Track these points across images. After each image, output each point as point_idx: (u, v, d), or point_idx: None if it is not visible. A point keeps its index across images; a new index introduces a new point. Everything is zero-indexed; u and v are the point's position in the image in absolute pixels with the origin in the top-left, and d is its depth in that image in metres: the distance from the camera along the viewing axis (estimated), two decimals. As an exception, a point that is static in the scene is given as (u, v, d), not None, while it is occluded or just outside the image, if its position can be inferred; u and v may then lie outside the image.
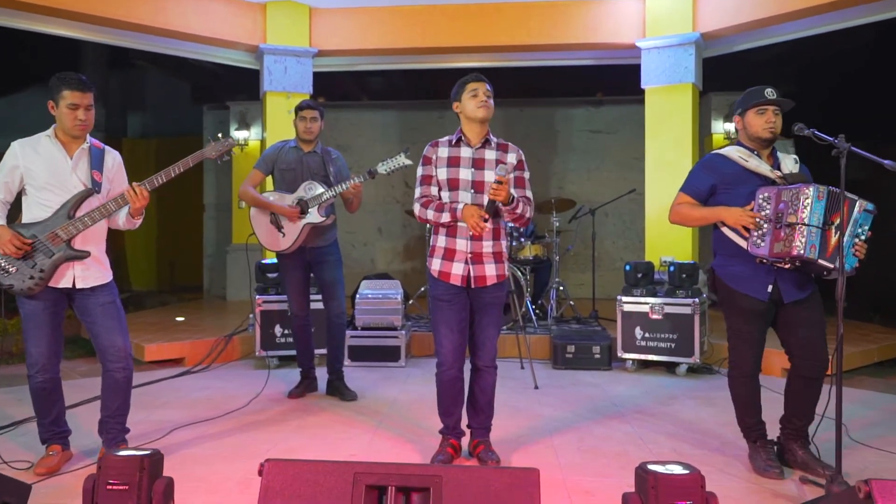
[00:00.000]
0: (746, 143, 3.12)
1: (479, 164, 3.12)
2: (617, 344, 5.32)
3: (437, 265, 3.14)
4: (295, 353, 4.61)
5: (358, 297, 5.55)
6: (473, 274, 3.10)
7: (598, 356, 5.29)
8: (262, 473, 1.99)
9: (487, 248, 3.11)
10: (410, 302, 6.87)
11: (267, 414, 4.06)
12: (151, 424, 3.78)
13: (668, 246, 6.25)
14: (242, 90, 8.74)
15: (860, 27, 5.91)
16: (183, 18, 6.46)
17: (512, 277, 5.61)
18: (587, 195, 8.98)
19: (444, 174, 3.13)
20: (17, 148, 3.05)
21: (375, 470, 1.98)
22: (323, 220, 4.16)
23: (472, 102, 3.10)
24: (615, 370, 5.25)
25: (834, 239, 2.82)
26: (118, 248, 10.29)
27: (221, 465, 3.18)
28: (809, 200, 2.81)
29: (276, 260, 4.77)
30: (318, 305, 4.75)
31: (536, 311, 6.41)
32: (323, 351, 4.59)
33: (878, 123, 7.92)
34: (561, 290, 6.78)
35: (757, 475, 3.03)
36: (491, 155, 3.13)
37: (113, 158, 3.24)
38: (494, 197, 2.94)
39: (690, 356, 5.05)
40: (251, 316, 5.56)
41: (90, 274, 3.09)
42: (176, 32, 6.49)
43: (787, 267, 2.94)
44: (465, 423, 3.30)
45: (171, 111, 11.31)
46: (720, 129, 8.38)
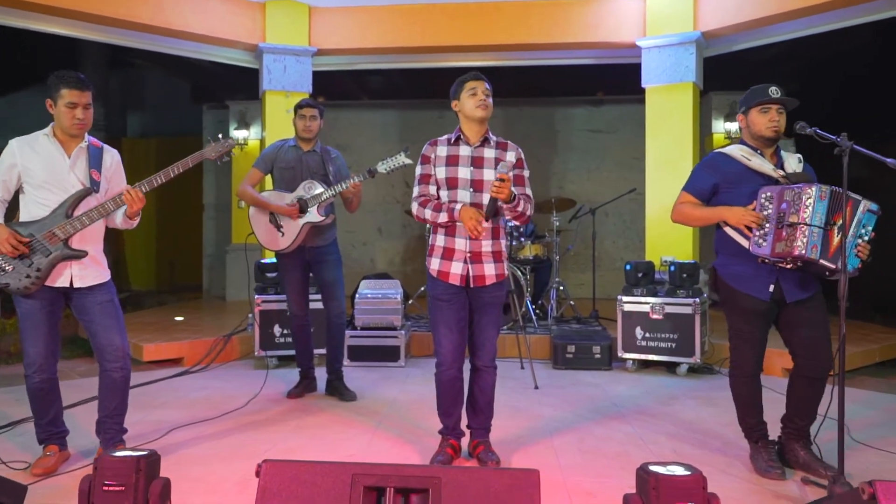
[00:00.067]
0: (750, 141, 3.10)
1: (477, 162, 3.10)
2: (617, 344, 5.31)
3: (435, 264, 3.12)
4: (294, 352, 4.60)
5: (357, 296, 5.54)
6: (472, 273, 3.08)
7: (598, 356, 5.28)
8: (259, 474, 1.98)
9: (486, 247, 3.09)
10: (410, 302, 6.85)
11: (266, 414, 4.04)
12: (150, 425, 3.76)
13: (668, 245, 6.24)
14: (242, 89, 8.73)
15: (861, 26, 5.90)
16: (182, 17, 6.45)
17: (512, 277, 5.60)
18: (587, 195, 8.98)
19: (442, 173, 3.11)
20: (14, 146, 3.03)
21: (374, 471, 1.97)
22: (322, 219, 4.15)
23: (470, 101, 3.08)
24: (615, 370, 5.24)
25: (836, 239, 2.80)
26: (118, 247, 10.28)
27: (220, 465, 3.16)
28: (811, 200, 2.79)
29: (275, 259, 4.76)
30: (317, 305, 4.74)
31: (536, 310, 6.40)
32: (322, 351, 4.58)
33: (879, 122, 7.90)
34: (561, 289, 6.77)
35: (758, 476, 3.02)
36: (490, 153, 3.11)
37: (111, 157, 3.22)
38: (496, 195, 2.92)
39: (691, 356, 5.03)
40: (250, 316, 5.55)
41: (88, 273, 3.07)
42: (175, 31, 6.48)
43: (788, 267, 2.92)
44: (464, 423, 3.28)
45: (170, 111, 11.29)
46: (721, 128, 8.36)
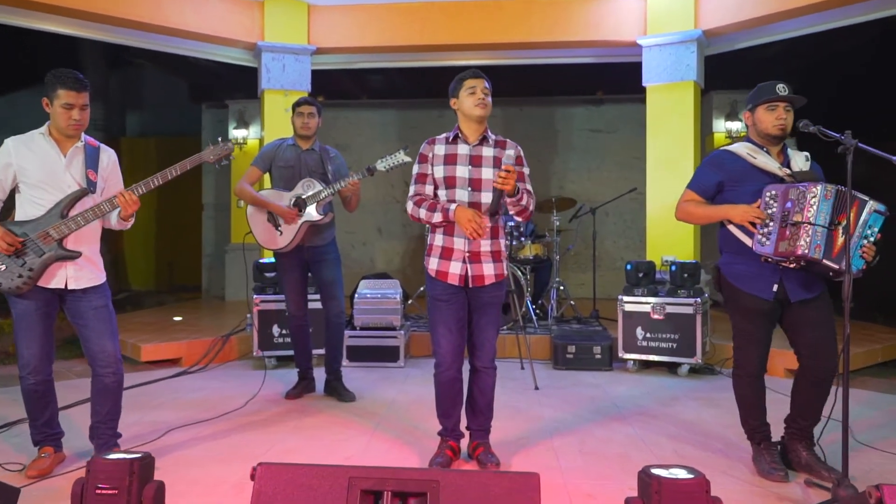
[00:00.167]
0: (756, 139, 3.07)
1: (476, 161, 3.06)
2: (618, 344, 5.28)
3: (434, 264, 3.09)
4: (293, 353, 4.56)
5: (357, 296, 5.51)
6: (471, 273, 3.04)
7: (598, 356, 5.25)
8: (254, 478, 1.94)
9: (485, 246, 3.06)
10: (409, 302, 6.82)
11: (263, 415, 4.01)
12: (146, 426, 3.73)
13: (669, 245, 6.20)
14: (241, 88, 8.70)
15: (862, 24, 5.88)
16: (181, 16, 6.42)
17: (512, 277, 5.57)
18: (588, 194, 8.95)
19: (440, 172, 3.07)
20: (10, 145, 3.00)
21: (371, 474, 1.93)
22: (321, 218, 4.11)
23: (469, 100, 3.04)
24: (616, 370, 5.21)
25: (840, 239, 2.76)
26: (116, 247, 10.25)
27: (216, 467, 3.13)
28: (816, 199, 2.75)
29: (273, 259, 4.72)
30: (316, 305, 4.71)
31: (537, 310, 6.37)
32: (321, 351, 4.54)
33: (880, 120, 7.85)
34: (561, 289, 6.74)
35: (761, 478, 2.98)
36: (489, 152, 3.08)
37: (108, 157, 3.19)
38: (503, 186, 2.88)
39: (692, 356, 5.00)
40: (249, 316, 5.52)
41: (83, 275, 3.04)
42: (174, 30, 6.45)
43: (792, 266, 2.89)
44: (464, 424, 3.25)
45: (169, 110, 11.25)
46: (722, 127, 8.32)
